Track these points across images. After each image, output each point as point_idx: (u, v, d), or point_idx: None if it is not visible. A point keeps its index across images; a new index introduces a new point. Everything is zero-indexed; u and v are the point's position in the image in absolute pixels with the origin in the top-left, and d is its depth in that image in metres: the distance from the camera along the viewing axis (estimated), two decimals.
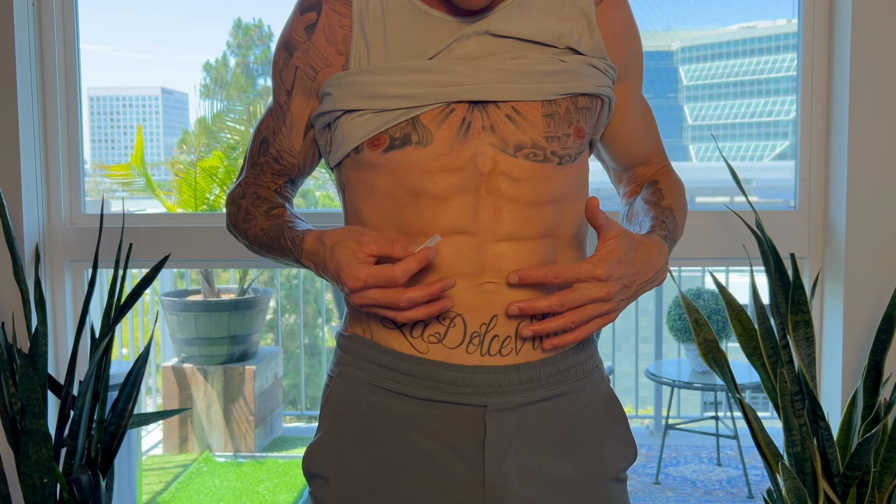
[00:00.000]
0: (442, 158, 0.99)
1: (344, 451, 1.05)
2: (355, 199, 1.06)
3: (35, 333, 1.92)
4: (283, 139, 1.13)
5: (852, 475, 1.74)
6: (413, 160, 0.99)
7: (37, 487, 1.82)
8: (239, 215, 1.14)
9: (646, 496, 3.42)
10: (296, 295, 5.93)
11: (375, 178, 1.02)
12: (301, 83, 1.07)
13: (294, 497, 3.46)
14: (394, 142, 0.99)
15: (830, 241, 2.07)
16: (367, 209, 1.04)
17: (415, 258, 0.91)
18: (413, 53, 1.01)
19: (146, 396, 4.54)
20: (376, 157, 1.00)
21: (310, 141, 1.12)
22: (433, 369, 1.00)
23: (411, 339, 1.01)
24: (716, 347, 1.85)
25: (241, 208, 1.14)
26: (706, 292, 3.83)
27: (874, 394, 1.81)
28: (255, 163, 1.17)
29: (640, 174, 1.24)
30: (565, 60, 1.02)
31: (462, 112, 1.00)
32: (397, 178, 1.00)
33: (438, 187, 0.99)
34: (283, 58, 1.08)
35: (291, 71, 1.07)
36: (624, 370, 5.26)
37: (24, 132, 2.07)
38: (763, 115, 16.62)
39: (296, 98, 1.09)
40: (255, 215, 1.11)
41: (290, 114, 1.11)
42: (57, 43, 2.14)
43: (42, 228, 2.14)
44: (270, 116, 1.14)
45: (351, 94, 1.01)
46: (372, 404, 1.04)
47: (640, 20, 1.24)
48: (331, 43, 1.04)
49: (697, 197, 6.25)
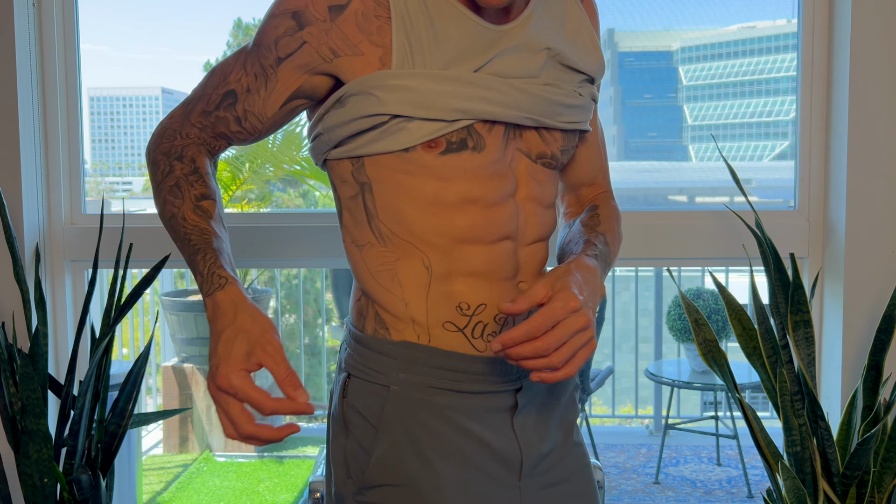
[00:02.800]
0: (493, 165, 1.05)
1: (417, 452, 1.05)
2: (391, 198, 1.05)
3: (35, 333, 1.92)
4: (257, 101, 1.06)
5: (852, 475, 1.74)
6: (469, 165, 1.03)
7: (37, 487, 1.82)
8: (167, 180, 1.05)
9: (645, 496, 3.42)
10: (296, 295, 5.93)
11: (421, 181, 1.03)
12: (304, 58, 1.03)
13: (294, 497, 3.46)
14: (451, 145, 1.02)
15: (830, 241, 2.08)
16: (411, 212, 1.04)
17: (291, 407, 0.87)
18: (457, 59, 1.02)
19: (146, 396, 4.54)
20: (431, 158, 1.02)
21: (283, 113, 1.08)
22: (489, 365, 1.07)
23: (472, 339, 1.07)
24: (715, 347, 1.85)
25: (171, 171, 1.05)
26: (706, 292, 3.83)
27: (874, 393, 1.81)
28: (208, 112, 1.08)
29: (585, 195, 1.29)
30: (582, 94, 1.13)
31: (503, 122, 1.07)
32: (449, 183, 1.04)
33: (492, 194, 1.05)
34: (287, 26, 1.03)
35: (295, 43, 1.02)
36: (624, 370, 5.26)
37: (24, 132, 2.07)
38: (763, 115, 16.62)
39: (288, 68, 1.04)
40: (183, 194, 1.03)
41: (277, 80, 1.05)
42: (57, 43, 2.14)
43: (42, 228, 2.15)
44: (244, 71, 1.06)
45: (403, 99, 1.00)
46: (432, 405, 1.06)
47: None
48: (362, 31, 1.01)
49: (697, 197, 6.25)
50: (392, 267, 1.06)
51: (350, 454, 1.08)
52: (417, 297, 1.06)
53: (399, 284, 1.06)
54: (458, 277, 1.06)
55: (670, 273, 1.92)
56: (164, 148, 1.08)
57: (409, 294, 1.06)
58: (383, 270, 1.07)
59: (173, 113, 1.12)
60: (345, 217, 1.11)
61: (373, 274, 1.07)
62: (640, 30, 15.56)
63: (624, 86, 15.37)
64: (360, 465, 1.07)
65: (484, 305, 1.07)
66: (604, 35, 5.45)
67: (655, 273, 4.52)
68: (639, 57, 15.11)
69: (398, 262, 1.06)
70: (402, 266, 1.06)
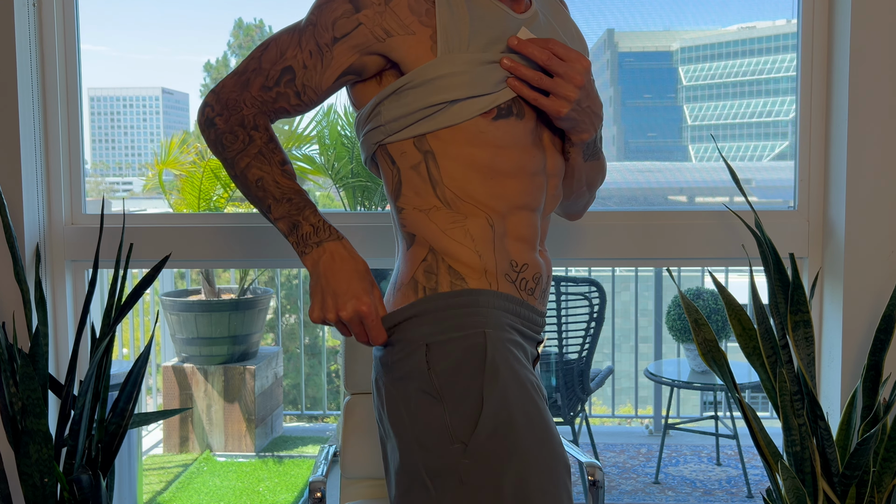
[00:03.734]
0: (532, 133, 1.19)
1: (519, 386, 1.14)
2: (453, 165, 1.16)
3: (35, 333, 1.92)
4: (314, 76, 1.17)
5: (852, 475, 1.74)
6: (516, 131, 1.16)
7: (37, 487, 1.82)
8: (249, 148, 1.16)
9: (645, 496, 3.43)
10: (296, 295, 5.93)
11: (478, 150, 1.15)
12: (359, 38, 1.14)
13: (294, 497, 3.46)
14: (501, 111, 1.15)
15: (830, 241, 2.08)
16: (473, 177, 1.16)
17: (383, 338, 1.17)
18: (494, 41, 1.16)
19: (146, 396, 4.54)
20: (486, 124, 1.15)
21: (336, 86, 1.20)
22: (529, 311, 1.22)
23: (521, 291, 1.21)
24: (715, 347, 1.85)
25: (252, 140, 1.16)
26: (706, 292, 3.83)
27: (873, 393, 1.81)
28: (268, 87, 1.18)
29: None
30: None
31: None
32: (502, 150, 1.16)
33: (532, 164, 1.19)
34: (344, 9, 1.14)
35: (351, 24, 1.14)
36: (623, 370, 5.27)
37: (24, 132, 2.07)
38: (763, 115, 16.62)
39: (343, 47, 1.15)
40: (269, 160, 1.16)
41: (332, 57, 1.16)
42: (57, 43, 2.14)
43: (42, 228, 2.15)
44: (300, 48, 1.17)
45: (459, 83, 1.13)
46: (513, 343, 1.17)
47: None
48: (414, 13, 1.14)
49: (697, 197, 6.25)
50: (463, 224, 1.17)
51: (453, 417, 1.10)
52: (487, 250, 1.18)
53: (472, 239, 1.17)
54: (509, 239, 1.20)
55: (670, 273, 1.92)
56: (235, 119, 1.17)
57: (480, 247, 1.17)
58: (455, 227, 1.17)
59: (226, 83, 1.20)
60: (404, 190, 1.19)
61: (445, 231, 1.17)
62: (640, 30, 15.56)
63: (624, 86, 15.37)
64: (467, 423, 1.10)
65: (526, 265, 1.22)
66: (604, 35, 5.40)
67: (655, 273, 4.52)
68: (639, 57, 15.11)
69: (467, 220, 1.17)
70: (472, 223, 1.17)
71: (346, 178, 4.06)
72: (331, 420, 4.76)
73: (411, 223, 1.19)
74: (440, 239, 1.17)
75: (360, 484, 2.01)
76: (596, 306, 3.45)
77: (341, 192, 4.14)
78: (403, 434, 1.14)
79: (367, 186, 4.04)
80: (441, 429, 1.11)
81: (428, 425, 1.12)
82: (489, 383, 1.11)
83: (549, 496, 1.11)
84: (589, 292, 3.45)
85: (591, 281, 3.48)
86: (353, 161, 4.01)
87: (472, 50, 1.14)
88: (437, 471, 1.10)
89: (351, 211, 4.06)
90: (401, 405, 1.14)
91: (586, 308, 3.45)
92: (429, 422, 1.12)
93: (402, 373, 1.15)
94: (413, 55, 1.14)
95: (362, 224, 2.19)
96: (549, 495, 1.11)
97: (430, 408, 1.12)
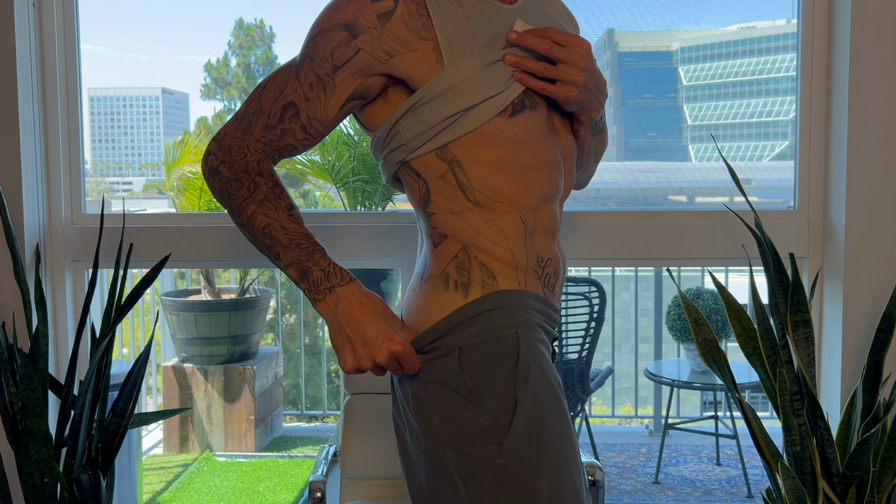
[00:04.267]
0: (546, 122, 1.20)
1: (548, 386, 1.15)
2: (480, 169, 1.16)
3: (35, 333, 1.92)
4: (318, 107, 1.16)
5: (852, 475, 1.74)
6: (532, 123, 1.17)
7: (37, 487, 1.82)
8: (255, 195, 1.15)
9: (645, 496, 3.43)
10: (296, 295, 5.93)
11: (501, 149, 1.16)
12: (360, 64, 1.14)
13: (294, 497, 3.46)
14: (515, 107, 1.16)
15: (830, 241, 2.08)
16: (501, 177, 1.17)
17: (417, 366, 1.16)
18: (493, 39, 1.16)
19: (146, 396, 4.54)
20: (504, 122, 1.15)
21: (342, 114, 1.19)
22: (549, 308, 1.24)
23: (544, 286, 1.23)
24: (715, 347, 1.85)
25: (257, 186, 1.15)
26: (706, 292, 3.83)
27: (873, 393, 1.81)
28: (271, 126, 1.17)
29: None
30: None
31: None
32: (523, 145, 1.17)
33: (551, 153, 1.20)
34: (341, 38, 1.13)
35: (350, 51, 1.13)
36: (623, 370, 5.27)
37: (24, 132, 2.07)
38: (762, 115, 16.63)
39: (344, 75, 1.15)
40: (275, 206, 1.15)
41: (335, 86, 1.15)
42: (57, 43, 2.14)
43: (42, 228, 2.15)
44: (299, 83, 1.16)
45: (471, 90, 1.14)
46: (540, 342, 1.19)
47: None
48: (411, 29, 1.13)
49: (697, 197, 6.25)
50: (497, 223, 1.18)
51: (487, 418, 1.11)
52: (520, 248, 1.19)
53: (505, 237, 1.18)
54: (538, 234, 1.21)
55: (670, 273, 1.92)
56: (239, 166, 1.17)
57: (513, 245, 1.18)
58: (489, 227, 1.17)
59: (227, 129, 1.19)
60: (433, 198, 1.18)
61: (478, 231, 1.17)
62: (640, 30, 15.56)
63: (624, 86, 15.37)
64: (501, 423, 1.11)
65: (550, 259, 1.24)
66: (604, 35, 5.41)
67: (655, 273, 4.52)
68: (639, 57, 15.11)
69: (500, 218, 1.18)
70: (504, 221, 1.18)
71: (346, 178, 4.06)
72: (331, 420, 4.77)
73: (442, 224, 1.19)
74: (475, 238, 1.17)
75: (360, 484, 2.01)
76: (596, 306, 3.45)
77: (341, 192, 4.14)
78: (432, 435, 1.14)
79: (367, 186, 4.05)
80: (475, 430, 1.11)
81: (460, 427, 1.12)
82: (521, 383, 1.12)
83: (578, 494, 1.13)
84: (589, 292, 3.45)
85: (591, 281, 3.48)
86: (353, 161, 4.01)
87: (475, 53, 1.14)
88: (471, 472, 1.11)
89: (351, 211, 4.06)
90: (430, 407, 1.15)
91: (586, 308, 3.45)
92: (461, 423, 1.12)
93: (432, 375, 1.15)
94: (420, 71, 1.14)
95: (362, 224, 2.19)
96: (578, 493, 1.13)
97: (462, 409, 1.12)
